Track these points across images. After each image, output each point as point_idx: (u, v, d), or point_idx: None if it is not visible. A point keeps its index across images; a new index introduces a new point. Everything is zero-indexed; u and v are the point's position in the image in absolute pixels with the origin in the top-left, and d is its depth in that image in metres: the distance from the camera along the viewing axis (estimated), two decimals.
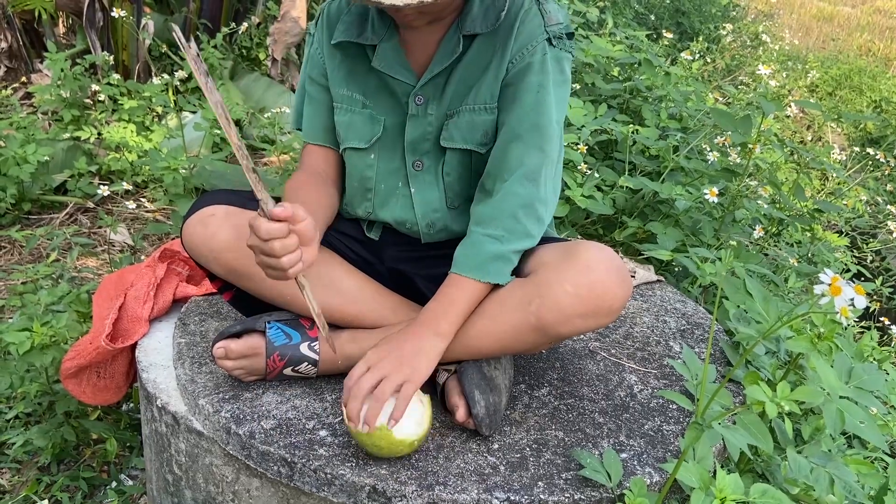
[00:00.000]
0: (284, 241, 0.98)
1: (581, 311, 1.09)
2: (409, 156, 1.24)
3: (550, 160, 1.17)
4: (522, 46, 1.16)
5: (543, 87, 1.16)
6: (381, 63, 1.20)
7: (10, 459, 1.59)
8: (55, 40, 3.56)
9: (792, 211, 2.18)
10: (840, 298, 0.85)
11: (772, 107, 1.81)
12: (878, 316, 2.59)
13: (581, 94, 2.46)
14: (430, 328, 1.11)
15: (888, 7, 8.78)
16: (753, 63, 5.28)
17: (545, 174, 1.16)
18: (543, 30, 1.16)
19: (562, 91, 1.19)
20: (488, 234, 1.14)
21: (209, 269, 1.23)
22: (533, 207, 1.15)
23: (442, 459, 1.09)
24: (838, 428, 1.01)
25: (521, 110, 1.16)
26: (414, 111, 1.21)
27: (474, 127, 1.19)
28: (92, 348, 1.38)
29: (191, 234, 1.19)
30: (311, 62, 1.28)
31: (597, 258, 1.10)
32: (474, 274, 1.12)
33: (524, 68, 1.16)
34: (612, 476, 1.05)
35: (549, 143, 1.16)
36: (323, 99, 1.28)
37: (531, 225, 1.15)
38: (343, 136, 1.27)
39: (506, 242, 1.13)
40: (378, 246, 1.33)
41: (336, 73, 1.25)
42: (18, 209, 2.54)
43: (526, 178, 1.14)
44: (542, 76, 1.16)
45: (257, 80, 3.53)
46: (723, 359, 1.41)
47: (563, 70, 1.19)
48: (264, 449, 1.08)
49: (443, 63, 1.18)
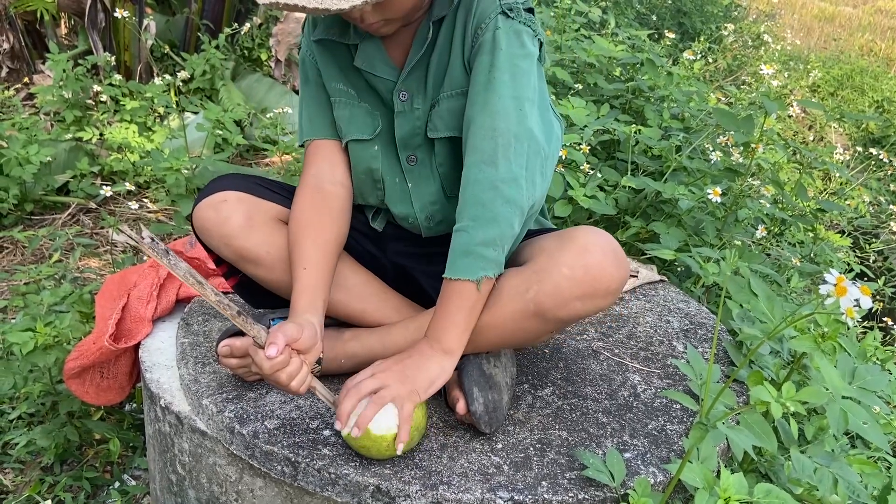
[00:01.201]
0: (289, 370, 1.03)
1: (579, 293, 1.08)
2: (401, 152, 1.23)
3: (511, 137, 1.09)
4: (479, 23, 1.13)
5: (494, 65, 1.11)
6: (363, 62, 1.19)
7: (13, 459, 1.59)
8: (57, 41, 3.57)
9: (794, 211, 2.18)
10: (845, 299, 0.85)
11: (774, 106, 1.81)
12: (881, 316, 2.59)
13: (583, 94, 2.46)
14: (436, 346, 1.09)
15: (890, 7, 8.78)
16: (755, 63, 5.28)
17: (506, 153, 1.09)
18: (498, 4, 1.12)
19: (524, 64, 1.13)
20: (459, 227, 1.10)
21: (218, 254, 1.24)
22: (496, 189, 1.08)
23: (446, 459, 1.09)
24: (841, 428, 1.01)
25: (473, 92, 1.12)
26: (400, 108, 1.20)
27: (454, 113, 1.17)
28: (95, 348, 1.39)
29: (203, 218, 1.20)
30: (304, 65, 1.27)
31: (593, 241, 1.09)
32: (450, 272, 1.08)
33: (479, 47, 1.13)
34: (616, 476, 1.05)
35: (503, 121, 1.09)
36: (320, 97, 1.26)
37: (499, 207, 1.08)
38: (345, 130, 1.24)
39: (472, 231, 1.08)
40: (382, 238, 1.34)
41: (329, 70, 1.24)
42: (21, 210, 2.55)
43: (482, 161, 1.09)
44: (493, 54, 1.11)
45: (259, 81, 3.53)
46: (726, 359, 1.41)
47: (524, 44, 1.13)
48: (268, 449, 1.08)
49: (417, 53, 1.16)
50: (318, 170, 1.25)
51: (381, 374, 1.06)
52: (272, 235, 1.22)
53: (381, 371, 1.07)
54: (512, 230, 1.10)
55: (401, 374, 1.06)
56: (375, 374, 1.07)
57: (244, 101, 3.30)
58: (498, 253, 1.09)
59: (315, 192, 1.23)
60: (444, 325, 1.09)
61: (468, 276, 1.07)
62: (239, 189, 1.22)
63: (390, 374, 1.06)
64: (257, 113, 3.22)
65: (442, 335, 1.09)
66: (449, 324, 1.08)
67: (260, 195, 1.24)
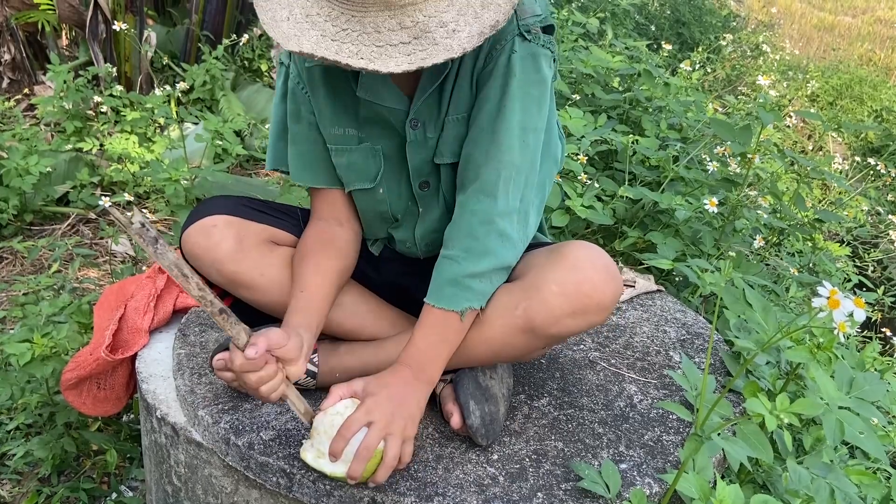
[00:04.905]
0: (259, 373, 0.99)
1: (569, 310, 1.07)
2: (414, 179, 1.19)
3: (513, 170, 1.08)
4: (493, 45, 1.06)
5: (506, 93, 1.07)
6: (367, 92, 1.11)
7: (10, 470, 1.59)
8: (58, 52, 3.59)
9: (793, 220, 2.18)
10: (839, 312, 0.84)
11: (770, 117, 1.81)
12: (880, 326, 2.59)
13: (581, 104, 2.47)
14: (421, 377, 1.06)
15: (889, 17, 8.81)
16: (754, 73, 5.30)
17: (506, 186, 1.08)
18: (515, 25, 1.05)
19: (536, 91, 1.09)
20: (447, 255, 1.08)
21: (209, 279, 1.23)
22: (492, 223, 1.07)
23: (441, 470, 1.09)
24: (838, 439, 1.01)
25: (480, 118, 1.09)
26: (412, 137, 1.14)
27: (459, 139, 1.13)
28: (92, 359, 1.39)
29: (192, 244, 1.18)
30: (292, 97, 1.18)
31: (582, 256, 1.08)
32: (432, 300, 1.07)
33: (489, 72, 1.07)
34: (611, 487, 1.05)
35: (508, 153, 1.07)
36: (312, 137, 1.19)
37: (492, 242, 1.07)
38: (346, 179, 1.20)
39: (463, 262, 1.06)
40: (377, 260, 1.33)
41: (323, 112, 1.16)
42: (20, 220, 2.55)
43: (482, 192, 1.07)
44: (506, 80, 1.07)
45: (259, 91, 3.55)
46: (723, 369, 1.41)
47: (539, 68, 1.08)
48: (263, 460, 1.08)
49: (433, 81, 1.10)
50: (325, 213, 1.23)
51: (373, 409, 1.00)
52: (264, 258, 1.19)
53: (373, 406, 1.01)
54: (504, 263, 1.09)
55: (390, 415, 1.00)
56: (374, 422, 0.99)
57: (244, 111, 3.31)
58: (485, 285, 1.08)
59: (324, 229, 1.22)
60: (430, 357, 1.07)
61: (452, 307, 1.06)
62: (228, 212, 1.19)
63: (380, 413, 1.00)
64: (257, 123, 3.23)
65: (428, 366, 1.07)
66: (434, 355, 1.07)
67: (249, 217, 1.21)
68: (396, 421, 1.00)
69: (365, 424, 0.99)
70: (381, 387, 1.04)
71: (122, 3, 3.30)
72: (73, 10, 3.26)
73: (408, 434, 1.01)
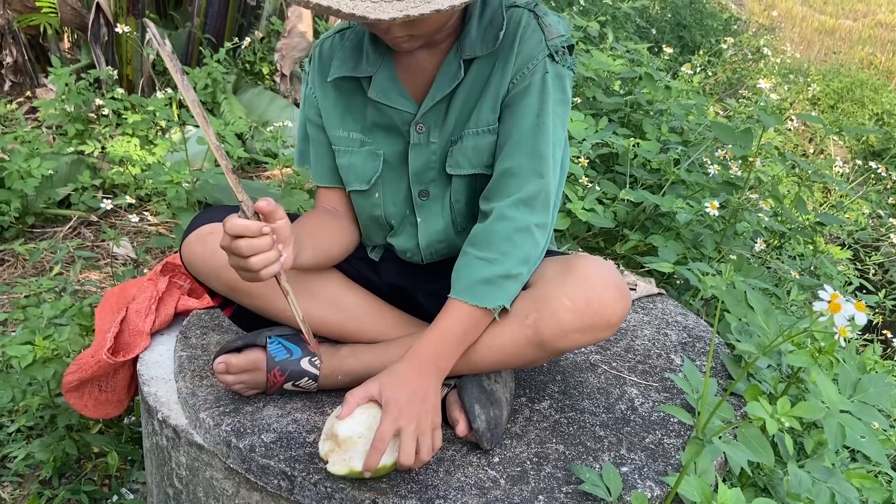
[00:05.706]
0: (252, 241, 0.94)
1: (579, 325, 1.09)
2: (414, 186, 1.22)
3: (548, 184, 1.14)
4: (523, 65, 1.12)
5: (543, 110, 1.12)
6: (378, 93, 1.17)
7: (11, 473, 1.59)
8: (60, 55, 3.59)
9: (794, 224, 2.18)
10: (840, 316, 0.85)
11: (771, 120, 1.81)
12: (881, 329, 2.59)
13: (582, 107, 2.47)
14: (439, 368, 1.09)
15: (890, 20, 8.81)
16: (755, 76, 5.30)
17: (545, 200, 1.13)
18: (545, 45, 1.12)
19: (562, 110, 1.16)
20: (481, 256, 1.11)
21: (209, 287, 1.23)
22: (529, 231, 1.12)
23: (442, 473, 1.09)
24: (839, 442, 1.01)
25: (520, 134, 1.13)
26: (416, 140, 1.18)
27: (480, 150, 1.16)
28: (93, 362, 1.39)
29: (191, 252, 1.19)
30: (307, 102, 1.26)
31: (594, 272, 1.10)
32: (464, 296, 1.09)
33: (524, 89, 1.12)
34: (612, 490, 1.05)
35: (547, 168, 1.13)
36: (322, 139, 1.25)
37: (527, 248, 1.12)
38: (345, 180, 1.25)
39: (497, 265, 1.10)
40: (377, 264, 1.33)
41: (331, 114, 1.22)
42: (22, 223, 2.56)
43: (523, 203, 1.12)
44: (542, 97, 1.12)
45: (260, 94, 3.55)
46: (724, 372, 1.41)
47: (565, 89, 1.16)
48: (264, 462, 1.08)
49: (444, 90, 1.14)
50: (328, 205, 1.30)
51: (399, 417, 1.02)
52: None
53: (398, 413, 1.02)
54: (532, 269, 1.14)
55: (417, 416, 1.03)
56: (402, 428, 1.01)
57: (245, 114, 3.31)
58: (516, 286, 1.12)
59: (327, 211, 1.27)
60: (448, 349, 1.09)
61: (485, 304, 1.09)
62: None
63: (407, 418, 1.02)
64: (258, 126, 3.23)
65: (443, 358, 1.09)
66: (452, 348, 1.10)
67: None
68: (423, 419, 1.03)
69: (395, 434, 1.01)
70: (400, 386, 1.05)
71: (124, 6, 3.31)
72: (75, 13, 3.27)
73: (435, 424, 1.05)
